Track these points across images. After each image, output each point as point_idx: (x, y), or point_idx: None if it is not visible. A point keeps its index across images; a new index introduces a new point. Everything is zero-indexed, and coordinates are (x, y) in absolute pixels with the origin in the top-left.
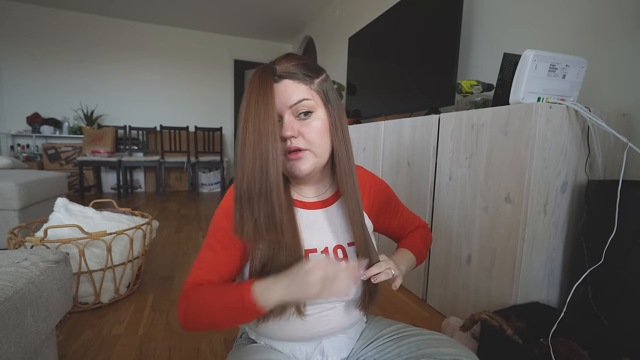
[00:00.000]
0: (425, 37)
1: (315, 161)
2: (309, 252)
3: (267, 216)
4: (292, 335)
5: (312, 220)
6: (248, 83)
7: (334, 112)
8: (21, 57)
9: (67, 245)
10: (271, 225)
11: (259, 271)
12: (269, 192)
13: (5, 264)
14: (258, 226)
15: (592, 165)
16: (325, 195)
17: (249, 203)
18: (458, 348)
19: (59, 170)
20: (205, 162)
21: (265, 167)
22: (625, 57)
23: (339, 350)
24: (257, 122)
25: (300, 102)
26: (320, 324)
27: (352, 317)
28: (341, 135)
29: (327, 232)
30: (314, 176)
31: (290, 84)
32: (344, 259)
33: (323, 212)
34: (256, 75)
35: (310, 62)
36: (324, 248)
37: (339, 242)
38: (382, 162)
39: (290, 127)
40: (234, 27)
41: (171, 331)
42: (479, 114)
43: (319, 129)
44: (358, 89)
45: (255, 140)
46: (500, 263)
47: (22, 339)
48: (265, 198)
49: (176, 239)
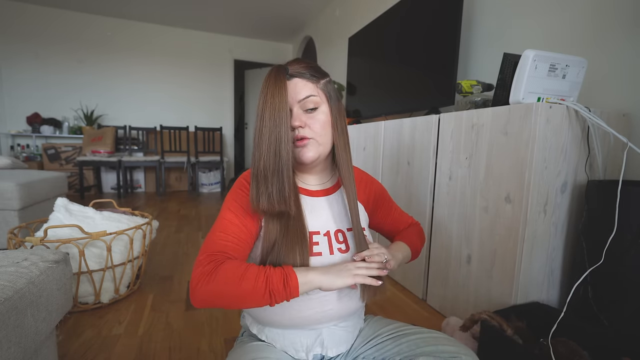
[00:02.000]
0: (426, 37)
1: (318, 149)
2: (312, 234)
3: (279, 191)
4: (295, 315)
5: (315, 206)
6: (264, 80)
7: (335, 109)
8: (21, 57)
9: (67, 245)
10: (281, 198)
11: (270, 249)
12: (280, 171)
13: (5, 264)
14: (271, 199)
15: (592, 165)
16: (327, 184)
17: (265, 180)
18: (457, 346)
19: (59, 170)
20: (205, 162)
21: (278, 150)
22: (625, 57)
23: (338, 343)
24: (272, 113)
25: (308, 97)
26: (321, 303)
27: (350, 303)
28: (341, 131)
29: (329, 217)
30: (317, 165)
31: (300, 82)
32: (344, 242)
33: (325, 199)
34: (272, 73)
35: (316, 65)
36: (325, 231)
37: (339, 227)
38: (382, 162)
39: (298, 119)
40: (234, 27)
41: (171, 331)
42: (479, 114)
43: (323, 121)
44: (358, 89)
45: (271, 128)
46: (500, 263)
47: (22, 339)
48: (277, 176)
49: (176, 239)
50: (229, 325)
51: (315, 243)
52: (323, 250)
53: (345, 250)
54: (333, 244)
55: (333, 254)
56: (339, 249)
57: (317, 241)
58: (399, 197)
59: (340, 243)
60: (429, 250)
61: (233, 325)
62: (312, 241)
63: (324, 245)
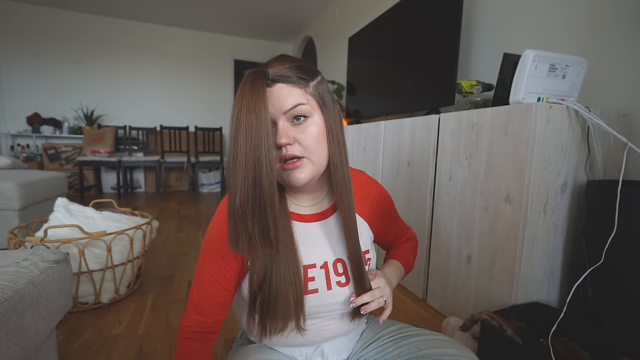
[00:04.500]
0: (426, 37)
1: (313, 170)
2: (307, 268)
3: (262, 231)
4: (293, 343)
5: (309, 234)
6: (238, 90)
7: (330, 116)
8: (21, 57)
9: (67, 245)
10: (266, 240)
11: (259, 287)
12: (262, 207)
13: (5, 264)
14: (253, 241)
15: (592, 165)
16: (322, 205)
17: (243, 219)
18: (458, 349)
19: (59, 170)
20: (205, 162)
21: (258, 180)
22: (625, 57)
23: (339, 351)
24: (248, 132)
25: (295, 107)
26: (320, 334)
27: (352, 323)
28: (337, 142)
29: (325, 246)
30: (311, 185)
31: (284, 88)
32: (344, 273)
33: (321, 224)
34: (247, 81)
35: (304, 63)
36: (322, 263)
37: (338, 255)
38: (382, 162)
39: (285, 134)
40: (234, 27)
41: (171, 331)
42: (479, 114)
43: (315, 135)
44: (358, 89)
45: (247, 152)
46: (500, 263)
47: (22, 339)
48: (259, 213)
49: (176, 239)
50: (229, 325)
51: (310, 279)
52: (319, 286)
53: (345, 283)
54: (331, 278)
55: (331, 289)
56: (337, 282)
57: (312, 276)
58: (399, 197)
59: (340, 275)
60: (429, 250)
61: (233, 326)
62: (307, 277)
63: (321, 280)
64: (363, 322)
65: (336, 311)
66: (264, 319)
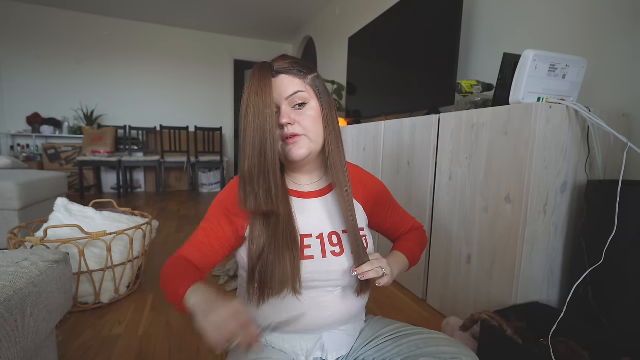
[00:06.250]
0: (426, 37)
1: (310, 146)
2: (304, 237)
3: (265, 191)
4: (291, 309)
5: (306, 208)
6: (248, 78)
7: (326, 105)
8: (21, 57)
9: (67, 245)
10: (269, 199)
11: (259, 254)
12: (267, 172)
13: (5, 264)
14: (258, 199)
15: (592, 165)
16: (320, 184)
17: (251, 181)
18: (458, 347)
19: (59, 170)
20: (205, 162)
21: (263, 151)
22: (625, 57)
23: (339, 347)
24: (256, 112)
25: (296, 93)
26: (319, 310)
27: (350, 306)
28: (332, 127)
29: (323, 219)
30: (308, 164)
31: (287, 78)
32: (339, 244)
33: (319, 200)
34: (256, 70)
35: (303, 61)
36: (318, 234)
37: (334, 228)
38: (382, 162)
39: (287, 116)
40: (234, 27)
41: (171, 331)
42: (479, 114)
43: (313, 117)
44: (358, 89)
45: (255, 128)
46: (500, 263)
47: (22, 339)
48: (264, 177)
49: (176, 239)
50: None
51: (307, 246)
52: (315, 253)
53: (339, 253)
54: (326, 247)
55: (326, 257)
56: (332, 251)
57: (309, 244)
58: (399, 197)
59: (334, 246)
60: (429, 250)
61: None
62: (304, 244)
63: (317, 248)
64: (361, 317)
65: (331, 281)
66: (263, 283)
